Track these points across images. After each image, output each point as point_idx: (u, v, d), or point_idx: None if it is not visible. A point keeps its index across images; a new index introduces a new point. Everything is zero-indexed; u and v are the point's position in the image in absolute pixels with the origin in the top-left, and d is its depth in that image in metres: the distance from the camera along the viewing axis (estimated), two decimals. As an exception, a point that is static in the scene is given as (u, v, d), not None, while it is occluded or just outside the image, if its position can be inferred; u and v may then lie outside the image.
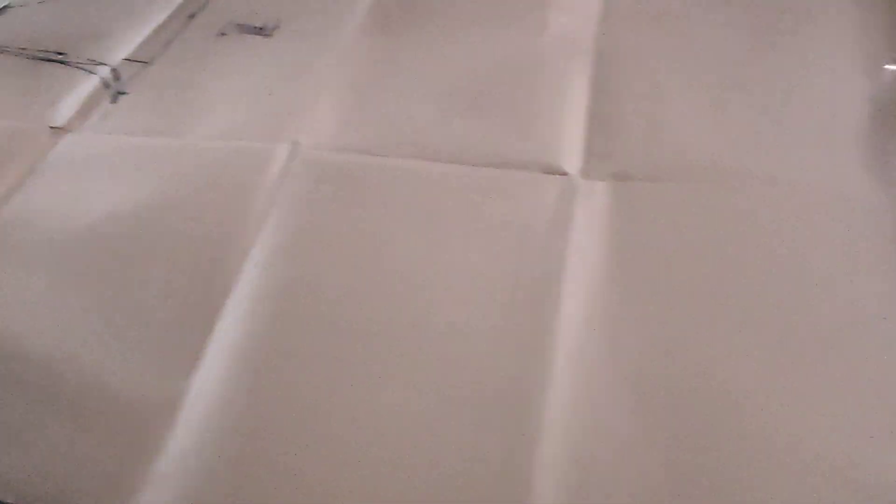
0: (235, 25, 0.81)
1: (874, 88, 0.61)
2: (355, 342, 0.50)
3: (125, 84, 0.75)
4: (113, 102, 0.73)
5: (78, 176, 0.66)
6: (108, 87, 0.75)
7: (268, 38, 0.78)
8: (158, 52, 0.80)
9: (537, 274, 0.52)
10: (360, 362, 0.49)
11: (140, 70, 0.77)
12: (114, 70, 0.77)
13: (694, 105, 0.62)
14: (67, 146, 0.69)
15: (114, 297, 0.55)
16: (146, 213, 0.61)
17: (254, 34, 0.79)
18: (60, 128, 0.71)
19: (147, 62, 0.78)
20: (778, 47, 0.66)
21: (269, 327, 0.51)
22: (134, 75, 0.77)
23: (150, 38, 0.82)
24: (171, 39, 0.82)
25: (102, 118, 0.72)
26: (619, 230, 0.54)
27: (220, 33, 0.81)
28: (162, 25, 0.84)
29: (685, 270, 0.51)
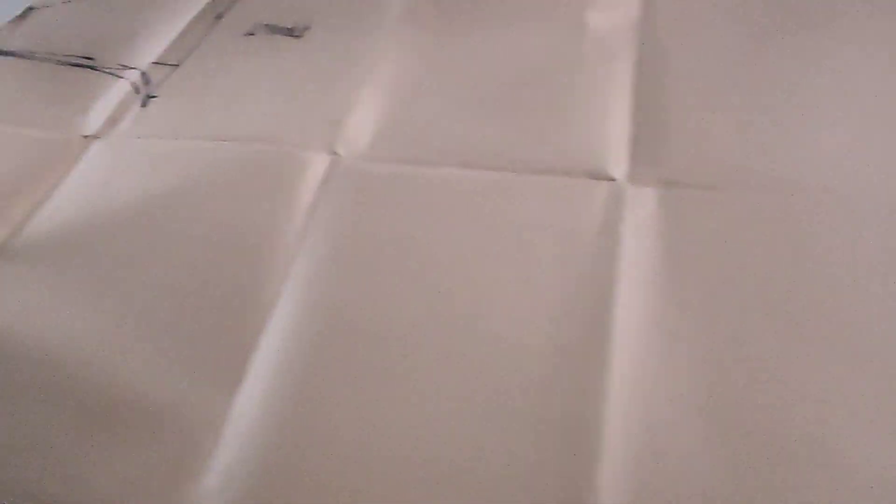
0: (264, 26, 0.80)
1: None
2: (401, 357, 0.49)
3: (155, 88, 0.74)
4: (143, 107, 0.72)
5: (110, 182, 0.65)
6: (139, 92, 0.74)
7: (298, 40, 0.77)
8: (186, 55, 0.79)
9: (589, 284, 0.50)
10: (407, 377, 0.48)
11: (169, 73, 0.76)
12: (143, 74, 0.76)
13: (742, 109, 0.60)
14: (99, 153, 0.69)
15: (153, 307, 0.54)
16: (182, 220, 0.60)
17: (283, 35, 0.78)
18: (90, 136, 0.71)
19: (176, 65, 0.77)
20: (833, 52, 0.64)
21: (314, 341, 0.50)
22: (163, 79, 0.75)
23: (178, 40, 0.81)
24: (199, 41, 0.81)
25: (133, 123, 0.71)
26: (671, 238, 0.52)
27: (249, 34, 0.80)
28: (189, 27, 0.83)
29: (740, 280, 0.49)
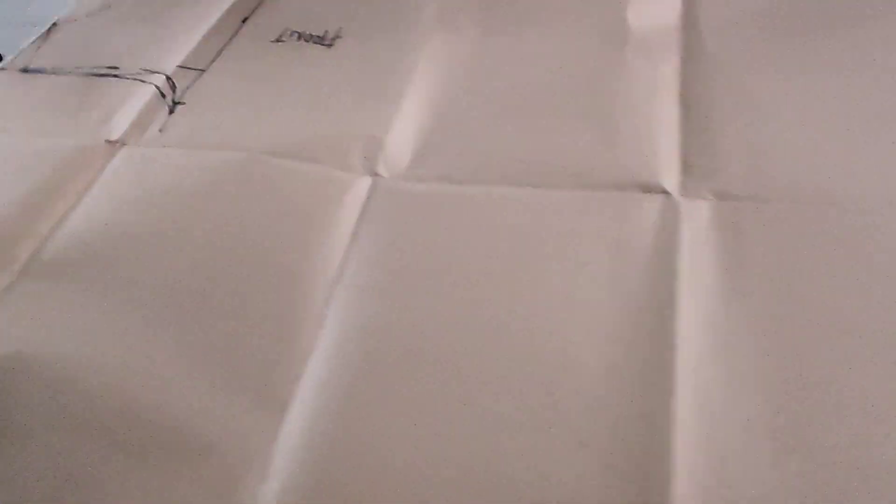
0: (292, 32, 0.78)
1: None
2: (451, 379, 0.47)
3: (182, 94, 0.72)
4: (171, 113, 0.70)
5: (139, 193, 0.62)
6: (164, 97, 0.72)
7: (329, 49, 0.75)
8: (212, 59, 0.76)
9: (647, 303, 0.48)
10: (458, 401, 0.46)
11: (196, 78, 0.74)
12: (168, 78, 0.74)
13: (794, 118, 0.59)
14: (125, 160, 0.66)
15: (190, 328, 0.51)
16: (218, 237, 0.57)
17: (314, 43, 0.76)
18: (116, 141, 0.68)
19: (202, 69, 0.75)
20: (888, 53, 0.62)
21: (361, 365, 0.48)
22: (190, 84, 0.73)
23: (203, 44, 0.79)
24: (225, 44, 0.79)
25: (160, 130, 0.69)
26: (728, 254, 0.51)
27: (277, 40, 0.78)
28: (214, 30, 0.80)
29: (802, 297, 0.48)
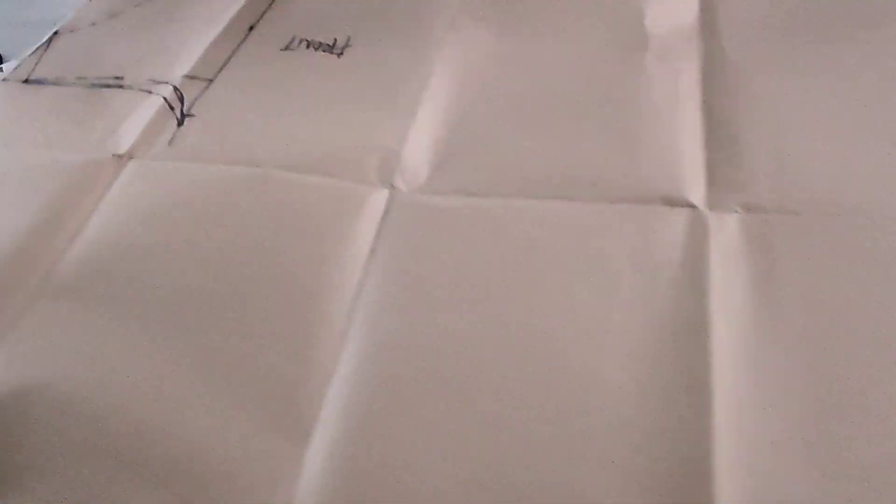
0: (301, 40, 0.76)
1: None
2: (481, 402, 0.45)
3: (190, 105, 0.71)
4: (180, 126, 0.68)
5: (150, 209, 0.61)
6: (173, 108, 0.70)
7: (339, 57, 0.73)
8: (220, 68, 0.75)
9: (679, 319, 0.47)
10: (484, 420, 0.45)
11: (204, 89, 0.72)
12: (176, 88, 0.72)
13: (819, 125, 0.57)
14: (134, 174, 0.64)
15: (210, 349, 0.50)
16: (232, 254, 0.56)
17: (322, 51, 0.74)
18: (123, 154, 0.67)
19: (210, 79, 0.73)
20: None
21: (385, 386, 0.47)
22: (199, 95, 0.72)
23: (210, 53, 0.77)
24: (232, 53, 0.77)
25: (170, 143, 0.67)
26: (760, 268, 0.49)
27: (286, 48, 0.76)
28: (220, 38, 0.79)
29: (835, 311, 0.46)
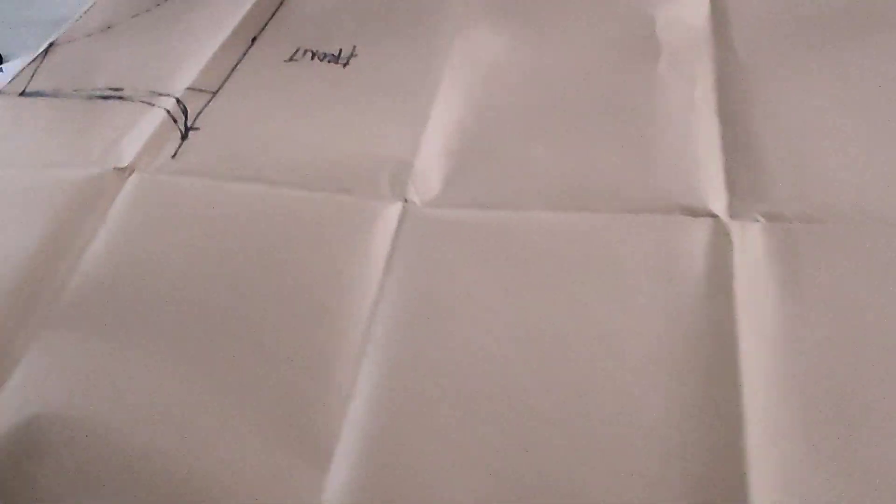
0: (305, 51, 0.75)
1: None
2: (506, 422, 0.44)
3: (194, 118, 0.69)
4: (184, 139, 0.67)
5: (156, 226, 0.59)
6: (176, 121, 0.69)
7: (345, 67, 0.72)
8: (223, 80, 0.73)
9: (706, 331, 0.46)
10: (513, 438, 0.43)
11: (207, 101, 0.71)
12: (178, 101, 0.71)
13: (837, 130, 0.57)
14: (137, 188, 0.62)
15: (224, 373, 0.48)
16: (244, 272, 0.54)
17: (328, 62, 0.73)
18: (125, 168, 0.65)
19: (213, 92, 0.72)
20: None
21: (406, 407, 0.45)
22: (202, 107, 0.70)
23: (212, 64, 0.75)
24: (235, 64, 0.75)
25: (174, 157, 0.65)
26: (787, 279, 0.48)
27: (290, 59, 0.75)
28: (222, 49, 0.77)
29: (869, 322, 0.46)
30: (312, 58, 0.74)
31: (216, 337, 0.50)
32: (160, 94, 0.72)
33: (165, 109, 0.70)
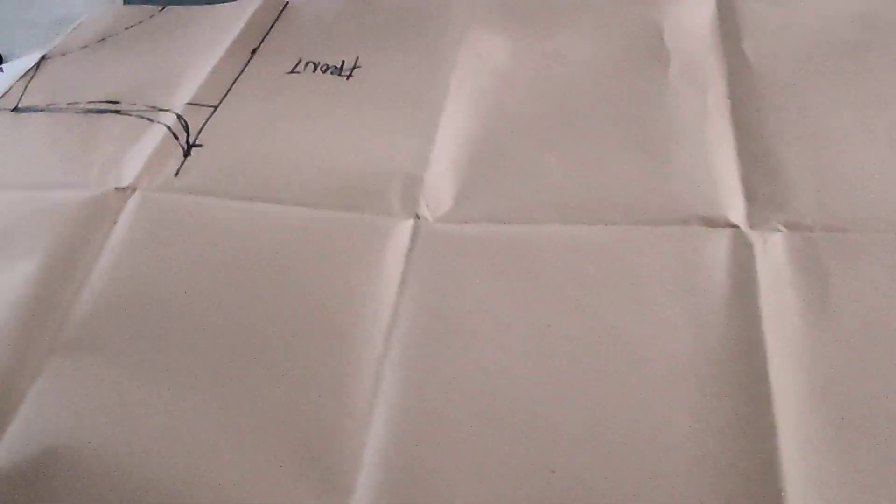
0: (307, 63, 0.74)
1: None
2: (531, 444, 0.43)
3: (196, 134, 0.67)
4: (187, 156, 0.65)
5: (162, 247, 0.57)
6: (177, 138, 0.67)
7: (348, 79, 0.70)
8: (224, 94, 0.72)
9: (733, 345, 0.45)
10: (537, 457, 0.42)
11: (209, 116, 0.69)
12: (179, 117, 0.69)
13: (853, 135, 0.56)
14: (140, 208, 0.61)
15: (238, 398, 0.47)
16: (255, 294, 0.52)
17: (330, 73, 0.71)
18: (126, 188, 0.63)
19: (214, 106, 0.70)
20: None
21: (427, 429, 0.44)
22: (204, 122, 0.68)
23: (212, 78, 0.74)
24: (235, 78, 0.74)
25: (176, 175, 0.64)
26: (811, 289, 0.48)
27: (292, 71, 0.73)
28: (222, 62, 0.76)
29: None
30: (314, 69, 0.73)
31: (228, 362, 0.49)
32: (160, 110, 0.71)
33: (166, 125, 0.68)
